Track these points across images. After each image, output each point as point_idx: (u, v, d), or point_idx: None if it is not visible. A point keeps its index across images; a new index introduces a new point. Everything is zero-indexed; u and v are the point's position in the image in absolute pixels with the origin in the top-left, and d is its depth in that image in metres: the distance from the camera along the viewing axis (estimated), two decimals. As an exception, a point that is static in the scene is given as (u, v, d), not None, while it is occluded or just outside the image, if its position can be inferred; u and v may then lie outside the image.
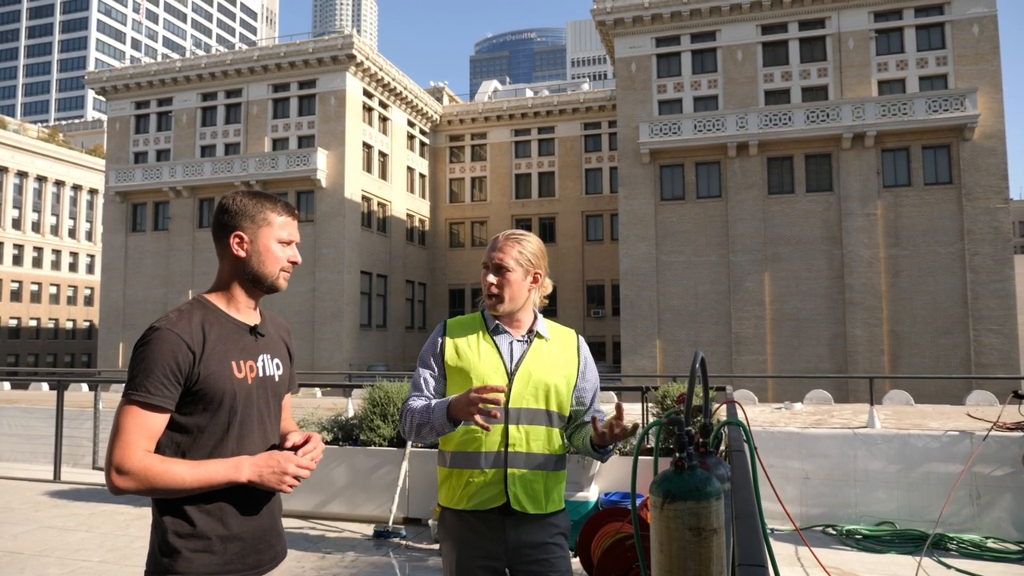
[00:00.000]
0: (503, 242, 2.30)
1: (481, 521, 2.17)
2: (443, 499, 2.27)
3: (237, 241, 1.90)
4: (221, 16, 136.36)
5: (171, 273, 39.31)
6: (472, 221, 46.68)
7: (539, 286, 2.32)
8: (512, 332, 2.28)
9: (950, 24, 30.65)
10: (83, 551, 5.87)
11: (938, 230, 29.54)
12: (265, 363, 1.93)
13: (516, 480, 2.16)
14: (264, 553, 1.89)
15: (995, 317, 28.67)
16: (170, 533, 1.77)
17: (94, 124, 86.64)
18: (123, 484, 1.69)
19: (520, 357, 2.24)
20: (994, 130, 29.33)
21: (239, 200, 1.93)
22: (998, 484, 7.02)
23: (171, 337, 1.76)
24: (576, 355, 2.32)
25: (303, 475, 1.86)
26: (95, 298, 65.44)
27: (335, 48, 37.69)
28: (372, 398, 6.87)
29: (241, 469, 1.78)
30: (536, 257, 2.30)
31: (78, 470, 9.75)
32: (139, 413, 1.72)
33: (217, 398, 1.80)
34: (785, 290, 30.88)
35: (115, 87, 41.70)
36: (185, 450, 1.79)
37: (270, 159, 37.83)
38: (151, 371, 1.73)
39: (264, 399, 1.92)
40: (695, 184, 32.73)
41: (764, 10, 32.55)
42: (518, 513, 2.16)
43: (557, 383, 2.24)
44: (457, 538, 2.21)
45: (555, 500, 2.25)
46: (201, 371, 1.78)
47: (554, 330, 2.35)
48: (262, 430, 1.91)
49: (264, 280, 1.93)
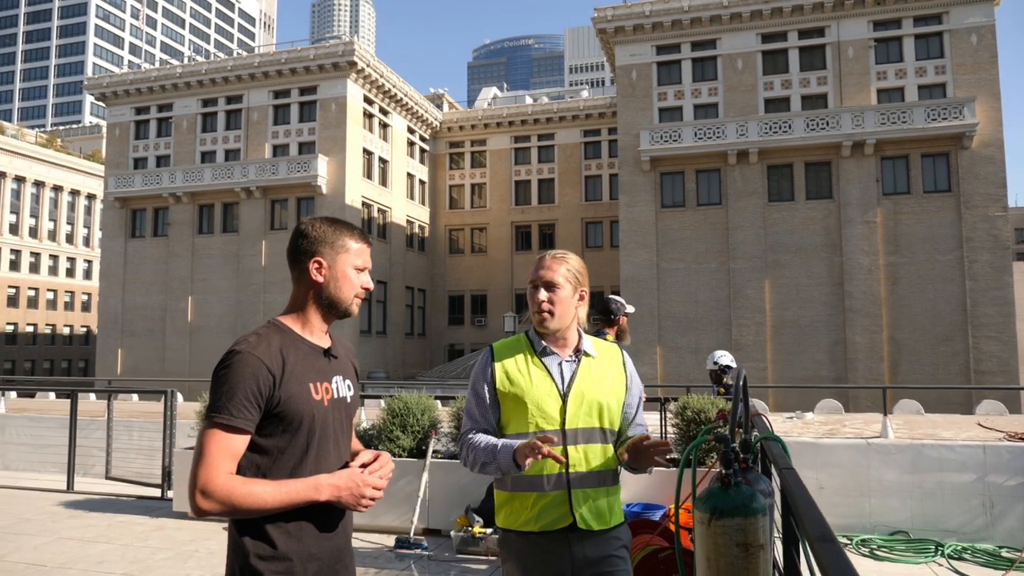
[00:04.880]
0: (550, 260, 2.35)
1: (547, 540, 2.20)
2: (504, 521, 2.30)
3: (316, 267, 1.93)
4: (219, 22, 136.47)
5: (170, 279, 39.25)
6: (472, 228, 46.73)
7: (584, 303, 2.37)
8: (559, 352, 2.32)
9: (948, 34, 30.85)
10: (106, 563, 5.88)
11: (937, 238, 29.68)
12: (338, 385, 1.98)
13: (580, 499, 2.20)
14: (340, 573, 1.92)
15: (994, 324, 28.79)
16: (252, 556, 1.78)
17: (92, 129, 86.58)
18: (207, 506, 1.71)
19: (571, 378, 2.27)
20: (992, 138, 29.51)
21: (319, 226, 1.97)
22: (1011, 494, 7.08)
23: (252, 360, 1.79)
24: (623, 371, 2.36)
25: (377, 496, 1.90)
26: (93, 304, 65.27)
27: (336, 55, 37.77)
28: (391, 408, 6.90)
29: (320, 489, 1.81)
30: (581, 275, 2.35)
31: (90, 480, 9.75)
32: (222, 436, 1.75)
33: (296, 420, 1.83)
34: (785, 297, 30.97)
35: (115, 93, 41.70)
36: (265, 472, 1.82)
37: (271, 165, 37.84)
38: (234, 394, 1.76)
39: (338, 420, 1.96)
40: (695, 191, 32.84)
41: (764, 19, 32.72)
42: (583, 530, 2.20)
43: (608, 400, 2.28)
44: (522, 559, 2.23)
45: (616, 514, 2.29)
46: (281, 394, 1.81)
47: (599, 347, 2.38)
48: (337, 450, 1.95)
49: (340, 305, 1.97)
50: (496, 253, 45.71)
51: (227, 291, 38.24)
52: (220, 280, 38.48)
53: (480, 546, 5.99)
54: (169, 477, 8.30)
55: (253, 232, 38.26)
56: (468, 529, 6.07)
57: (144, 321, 39.21)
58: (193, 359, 37.85)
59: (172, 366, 37.74)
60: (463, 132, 47.11)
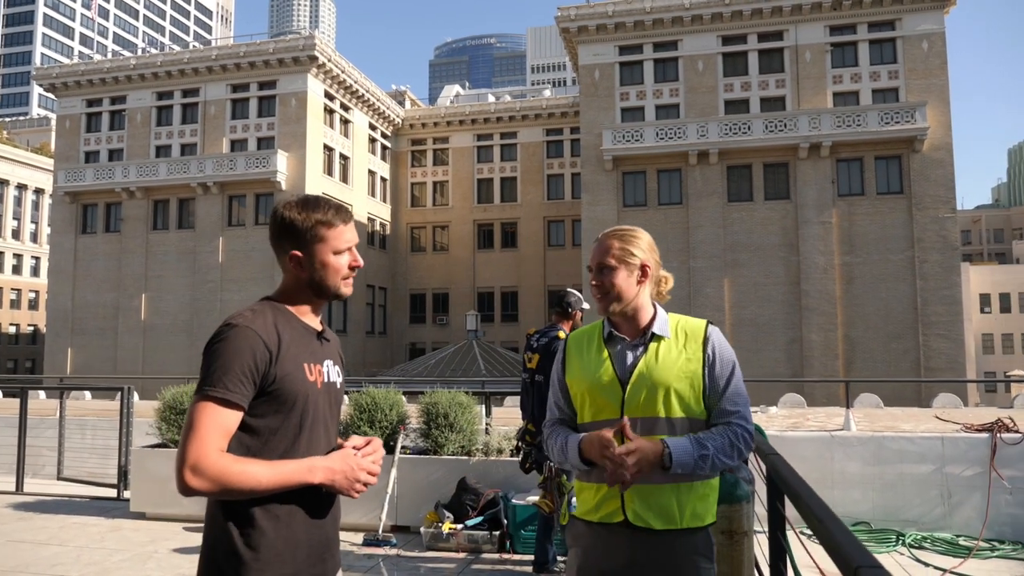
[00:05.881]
0: (604, 239, 2.22)
1: (608, 532, 2.08)
2: (577, 508, 2.22)
3: (294, 263, 1.85)
4: (175, 14, 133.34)
5: (123, 276, 38.23)
6: (434, 225, 46.50)
7: (650, 280, 2.21)
8: (626, 336, 2.17)
9: (901, 40, 31.69)
10: (60, 566, 5.66)
11: (890, 238, 30.46)
12: (329, 369, 1.89)
13: (635, 494, 2.03)
14: (328, 563, 1.84)
15: (943, 323, 29.67)
16: (238, 542, 1.68)
17: (40, 121, 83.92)
18: (197, 484, 1.60)
19: (634, 363, 2.11)
20: (942, 142, 30.39)
21: (288, 216, 1.84)
22: (968, 484, 7.27)
23: (249, 334, 1.71)
24: (701, 350, 2.11)
25: (371, 481, 1.82)
26: (41, 301, 63.23)
27: (296, 49, 37.21)
28: (358, 404, 6.79)
29: (315, 471, 1.72)
30: (641, 251, 2.19)
31: (40, 481, 9.41)
32: (215, 410, 1.65)
33: (291, 400, 1.75)
34: (744, 296, 31.47)
35: (65, 84, 40.45)
36: (255, 453, 1.71)
37: (229, 160, 37.10)
38: (229, 367, 1.67)
39: (328, 404, 1.87)
40: (657, 191, 33.18)
41: (724, 21, 33.19)
42: (642, 527, 2.03)
43: (677, 386, 2.06)
44: (583, 547, 2.15)
45: (693, 515, 2.04)
46: (277, 372, 1.72)
47: (678, 326, 2.18)
48: (327, 436, 1.86)
49: (327, 291, 1.89)
50: (458, 251, 45.54)
51: (182, 289, 37.39)
52: (175, 278, 37.60)
53: (451, 542, 5.93)
54: (125, 477, 8.04)
55: (210, 228, 37.47)
56: (438, 525, 5.99)
57: (95, 319, 38.12)
58: (146, 358, 36.93)
59: (125, 365, 36.74)
60: (425, 130, 46.85)
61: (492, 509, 6.01)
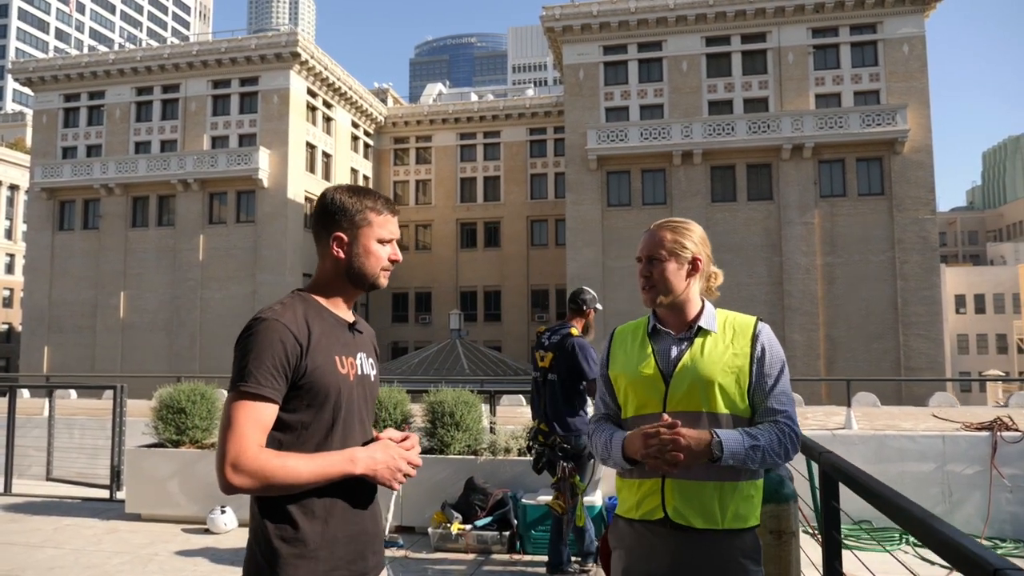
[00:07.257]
0: (654, 230, 2.18)
1: (651, 532, 2.03)
2: (618, 507, 2.18)
3: (337, 243, 1.84)
4: (153, 9, 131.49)
5: (101, 274, 37.62)
6: (416, 224, 46.29)
7: (701, 274, 2.17)
8: (672, 330, 2.14)
9: (882, 43, 32.07)
10: (58, 569, 5.51)
11: (871, 239, 30.82)
12: (362, 361, 1.88)
13: (676, 491, 1.98)
14: (369, 559, 1.81)
15: (923, 323, 30.07)
16: (274, 537, 1.68)
17: (15, 116, 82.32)
18: (239, 481, 1.59)
19: (678, 356, 2.07)
20: (922, 144, 30.80)
21: (338, 199, 1.86)
22: (969, 482, 7.33)
23: (278, 327, 1.69)
24: (749, 345, 2.06)
25: (411, 473, 1.80)
26: (15, 299, 62.03)
27: (279, 45, 36.84)
28: (362, 403, 6.67)
29: (356, 462, 1.71)
30: (694, 244, 2.15)
31: (28, 481, 9.19)
32: (251, 406, 1.64)
33: (323, 393, 1.73)
34: (727, 296, 31.57)
35: (42, 78, 39.72)
36: (288, 449, 1.71)
37: (209, 157, 36.65)
38: (261, 361, 1.65)
39: (363, 398, 1.85)
40: (641, 191, 33.30)
41: (708, 22, 33.38)
42: (687, 528, 1.98)
43: (722, 380, 2.01)
44: (626, 547, 2.11)
45: (736, 516, 1.99)
46: (308, 364, 1.71)
47: (726, 321, 2.14)
48: (363, 429, 1.84)
49: (365, 280, 1.88)
50: (441, 250, 45.39)
51: (162, 287, 36.87)
52: (155, 275, 37.07)
53: (460, 543, 5.85)
54: (119, 477, 7.87)
55: (190, 226, 36.98)
56: (446, 526, 5.92)
57: (73, 317, 37.48)
58: (125, 357, 36.37)
59: (103, 364, 36.15)
60: (408, 128, 46.63)
61: (501, 509, 5.94)
